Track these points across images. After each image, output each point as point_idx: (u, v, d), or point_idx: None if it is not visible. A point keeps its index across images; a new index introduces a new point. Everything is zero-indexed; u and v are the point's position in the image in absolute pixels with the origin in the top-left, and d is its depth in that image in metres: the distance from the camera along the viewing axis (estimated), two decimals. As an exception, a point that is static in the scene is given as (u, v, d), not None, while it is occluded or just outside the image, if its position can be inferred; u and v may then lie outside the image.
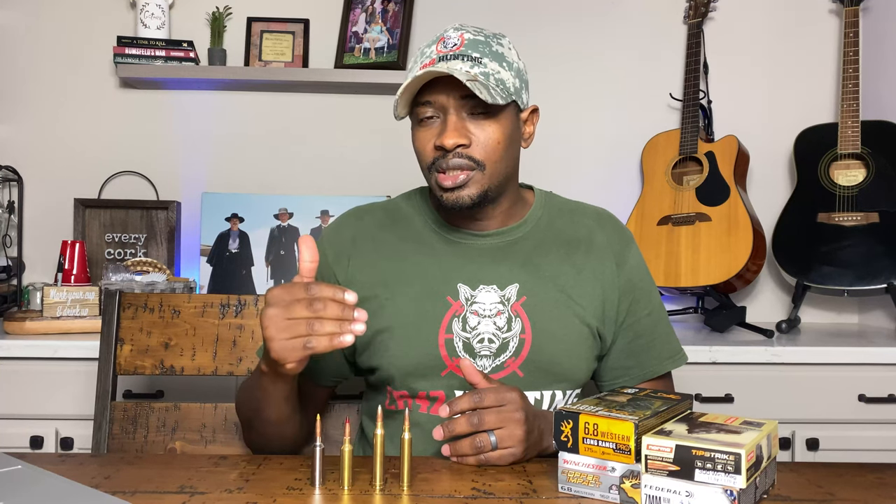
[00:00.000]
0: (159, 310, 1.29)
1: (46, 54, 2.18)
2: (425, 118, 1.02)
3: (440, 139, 1.00)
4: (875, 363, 1.66)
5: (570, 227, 1.14)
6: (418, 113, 1.03)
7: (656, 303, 1.17)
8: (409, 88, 0.99)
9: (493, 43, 1.02)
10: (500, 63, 1.01)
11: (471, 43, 1.01)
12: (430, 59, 1.01)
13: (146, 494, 0.80)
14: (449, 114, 1.01)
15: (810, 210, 1.98)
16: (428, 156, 1.03)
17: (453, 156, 1.00)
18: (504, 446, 0.91)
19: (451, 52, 1.00)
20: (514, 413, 0.91)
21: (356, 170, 2.21)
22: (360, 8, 2.17)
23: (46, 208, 2.15)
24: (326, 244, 1.14)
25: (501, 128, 1.02)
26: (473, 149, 1.01)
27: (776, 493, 0.82)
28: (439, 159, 1.01)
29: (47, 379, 1.62)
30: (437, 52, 1.01)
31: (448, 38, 1.02)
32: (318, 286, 0.84)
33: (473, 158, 1.01)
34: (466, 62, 0.99)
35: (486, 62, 1.00)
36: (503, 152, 1.03)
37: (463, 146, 1.00)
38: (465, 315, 1.06)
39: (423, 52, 1.04)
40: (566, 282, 1.09)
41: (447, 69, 0.97)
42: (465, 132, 1.00)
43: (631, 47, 2.24)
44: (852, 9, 2.02)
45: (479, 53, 1.00)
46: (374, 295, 1.09)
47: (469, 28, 1.03)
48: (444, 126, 1.01)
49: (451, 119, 1.00)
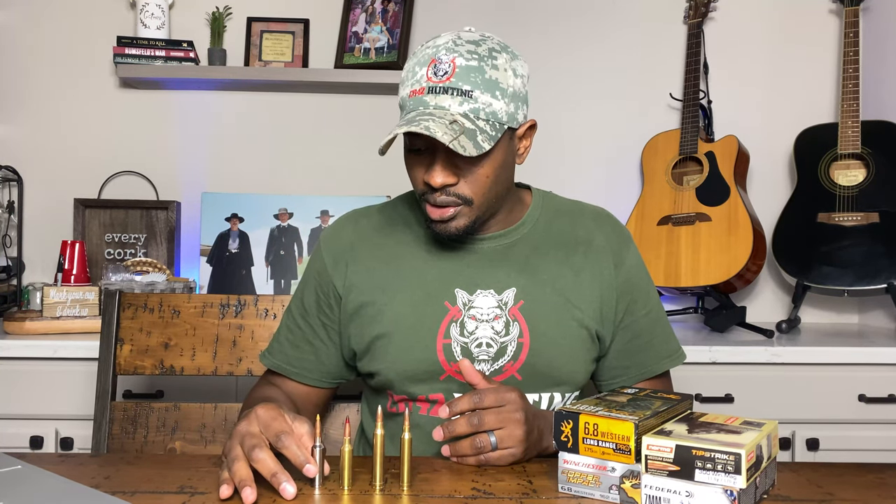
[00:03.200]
0: (159, 310, 1.29)
1: (46, 54, 2.18)
2: (415, 149, 1.01)
3: (428, 176, 0.99)
4: (875, 363, 1.66)
5: (568, 229, 1.13)
6: (408, 142, 1.02)
7: (654, 302, 1.16)
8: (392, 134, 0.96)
9: (486, 68, 0.97)
10: (493, 92, 0.97)
11: (462, 71, 0.96)
12: (419, 86, 0.98)
13: (146, 494, 0.80)
14: (438, 151, 0.99)
15: (810, 210, 1.98)
16: (418, 186, 1.03)
17: (441, 193, 1.00)
18: (504, 446, 0.91)
19: (440, 82, 0.96)
20: (513, 413, 0.91)
21: (356, 170, 2.21)
22: (360, 8, 2.17)
23: (46, 208, 2.15)
24: (325, 251, 1.14)
25: (492, 162, 1.00)
26: (461, 186, 1.00)
27: (776, 493, 0.82)
28: (427, 193, 1.01)
29: (47, 379, 1.62)
30: (426, 79, 0.98)
31: (440, 63, 0.97)
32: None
33: (461, 196, 1.00)
34: (456, 97, 0.96)
35: (476, 95, 0.96)
36: (492, 185, 1.02)
37: (450, 185, 0.99)
38: (462, 320, 1.06)
39: (413, 72, 1.00)
40: (564, 284, 1.09)
41: (434, 107, 0.96)
42: (453, 171, 0.99)
43: (631, 47, 2.24)
44: (852, 9, 2.02)
45: (470, 85, 0.96)
46: (372, 300, 1.09)
47: (462, 49, 0.97)
48: (433, 163, 0.99)
49: (439, 158, 0.99)
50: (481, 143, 0.95)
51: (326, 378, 1.15)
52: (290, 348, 1.15)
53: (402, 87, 1.02)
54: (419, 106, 0.98)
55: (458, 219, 1.02)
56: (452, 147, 0.92)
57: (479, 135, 0.95)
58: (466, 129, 0.95)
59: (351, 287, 1.10)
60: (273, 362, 1.15)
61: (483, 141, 0.95)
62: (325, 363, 1.14)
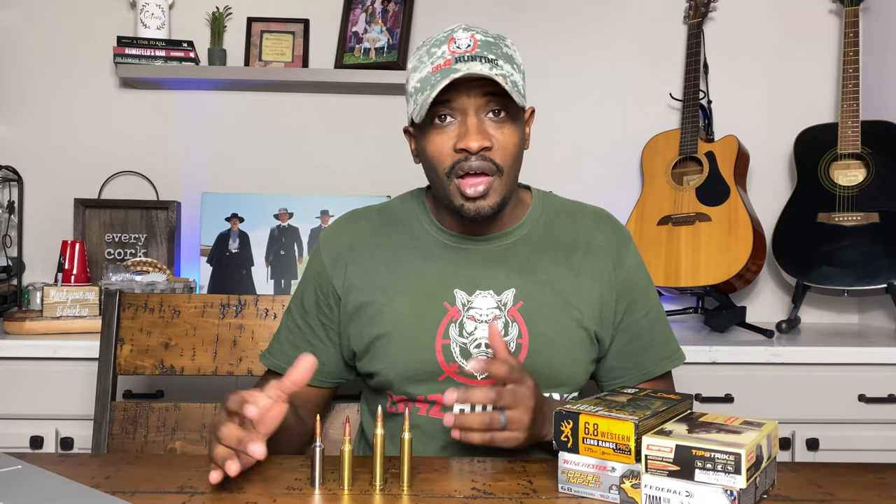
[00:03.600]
0: (159, 310, 1.29)
1: (46, 54, 2.18)
2: (441, 121, 1.00)
3: (464, 141, 0.98)
4: (875, 363, 1.66)
5: (567, 229, 1.13)
6: (434, 114, 1.00)
7: (654, 303, 1.16)
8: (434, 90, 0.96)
9: (501, 45, 1.02)
10: (512, 65, 1.01)
11: (483, 44, 1.00)
12: (444, 59, 0.99)
13: (146, 494, 0.80)
14: (469, 116, 0.99)
15: (810, 210, 1.98)
16: (446, 160, 1.00)
17: (477, 158, 0.98)
18: (511, 429, 0.90)
19: (466, 52, 0.98)
20: (526, 400, 0.91)
21: (356, 170, 2.21)
22: (360, 8, 2.17)
23: (46, 208, 2.15)
24: (324, 251, 1.14)
25: (517, 131, 1.02)
26: (495, 152, 0.99)
27: (776, 493, 0.82)
28: (461, 162, 0.99)
29: (47, 379, 1.62)
30: (450, 52, 0.99)
31: (459, 39, 1.00)
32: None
33: (495, 162, 0.99)
34: (485, 64, 0.97)
35: (501, 64, 0.99)
36: (517, 156, 1.03)
37: (486, 149, 0.99)
38: (461, 320, 1.06)
39: (430, 53, 1.01)
40: (564, 285, 1.08)
41: (468, 70, 0.96)
42: (487, 135, 0.99)
43: (631, 47, 2.24)
44: (852, 9, 2.02)
45: (493, 55, 0.99)
46: (371, 300, 1.09)
47: (476, 29, 1.02)
48: (465, 128, 0.98)
49: (472, 121, 0.98)
50: (520, 98, 0.98)
51: (326, 378, 1.15)
52: (289, 348, 1.15)
53: (417, 71, 1.01)
54: (449, 74, 0.97)
55: (491, 195, 1.01)
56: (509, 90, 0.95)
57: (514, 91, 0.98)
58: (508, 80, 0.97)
59: (350, 287, 1.10)
60: (273, 362, 1.16)
61: (519, 97, 0.98)
62: (324, 363, 1.14)
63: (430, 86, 0.98)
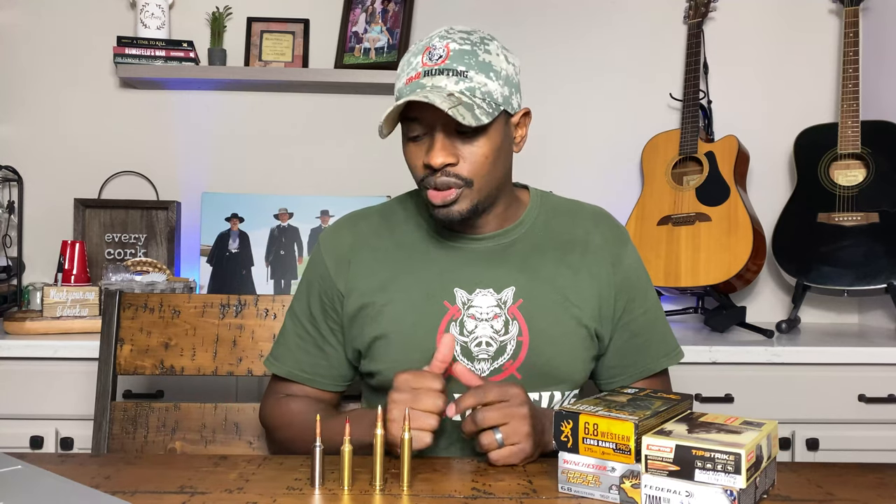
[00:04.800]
0: (159, 310, 1.29)
1: (46, 54, 2.18)
2: (414, 136, 1.02)
3: (427, 158, 0.99)
4: (875, 363, 1.66)
5: (566, 228, 1.13)
6: (407, 129, 1.02)
7: (653, 301, 1.16)
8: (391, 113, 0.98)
9: (479, 51, 0.99)
10: (487, 74, 0.99)
11: (456, 55, 0.98)
12: (415, 72, 0.99)
13: (146, 494, 0.80)
14: (436, 132, 0.99)
15: (810, 210, 1.98)
16: (418, 172, 1.03)
17: (441, 174, 1.00)
18: (510, 442, 0.90)
19: (436, 65, 0.98)
20: (517, 408, 0.91)
21: (356, 170, 2.21)
22: (360, 8, 2.17)
23: (46, 208, 2.15)
24: (325, 254, 1.14)
25: (490, 142, 1.01)
26: (461, 167, 1.00)
27: (776, 493, 0.82)
28: (428, 177, 1.01)
29: (47, 379, 1.62)
30: (422, 64, 0.99)
31: (433, 49, 0.99)
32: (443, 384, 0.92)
33: (461, 176, 1.00)
34: (451, 77, 0.97)
35: (471, 75, 0.98)
36: (491, 166, 1.02)
37: (450, 165, 0.99)
38: (462, 319, 1.06)
39: (409, 62, 1.01)
40: (563, 283, 1.09)
41: (430, 88, 0.96)
42: (452, 151, 0.99)
43: (631, 47, 2.24)
44: (852, 9, 2.02)
45: (464, 66, 0.98)
46: (372, 301, 1.09)
47: (455, 36, 1.00)
48: (432, 145, 0.99)
49: (437, 138, 0.99)
50: (479, 115, 0.96)
51: (339, 382, 1.15)
52: (301, 354, 1.14)
53: (398, 79, 1.03)
54: (416, 89, 0.98)
55: (460, 202, 1.01)
56: (452, 114, 0.93)
57: (476, 108, 0.96)
58: (464, 101, 0.96)
59: (352, 289, 1.10)
60: (285, 370, 1.14)
61: (481, 114, 0.96)
62: (336, 367, 1.14)
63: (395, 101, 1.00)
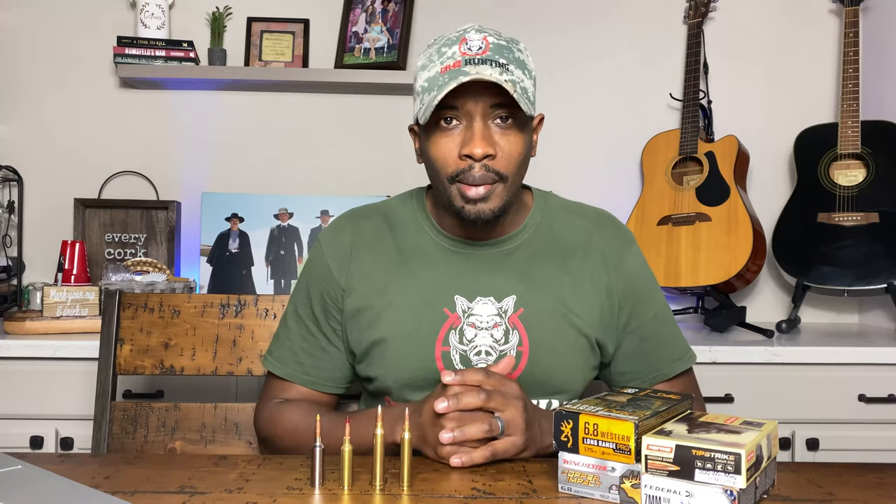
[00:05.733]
0: (159, 310, 1.29)
1: (46, 54, 2.18)
2: (446, 123, 0.98)
3: (468, 148, 0.96)
4: (875, 363, 1.66)
5: (568, 232, 1.12)
6: (440, 117, 0.98)
7: (660, 304, 1.14)
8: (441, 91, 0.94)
9: (514, 49, 0.99)
10: (524, 70, 0.99)
11: (495, 48, 0.97)
12: (453, 60, 0.97)
13: (146, 494, 0.80)
14: (475, 121, 0.97)
15: (810, 210, 1.98)
16: (450, 164, 0.99)
17: (479, 168, 0.97)
18: (508, 433, 0.90)
19: (476, 55, 0.96)
20: (514, 400, 0.92)
21: (356, 170, 2.21)
22: (360, 8, 2.17)
23: (46, 208, 2.15)
24: (327, 253, 1.12)
25: (523, 140, 1.00)
26: (498, 161, 0.98)
27: (776, 493, 0.82)
28: (464, 171, 0.97)
29: (47, 379, 1.62)
30: (461, 53, 0.97)
31: (471, 40, 0.98)
32: None
33: (497, 171, 0.98)
34: (495, 68, 0.95)
35: (512, 69, 0.97)
36: (521, 165, 1.01)
37: (489, 157, 0.97)
38: (462, 327, 1.04)
39: (440, 52, 0.99)
40: (564, 292, 1.07)
41: (477, 74, 0.94)
42: (492, 142, 0.97)
43: (631, 47, 2.24)
44: (852, 9, 2.02)
45: (505, 59, 0.97)
46: (370, 305, 1.07)
47: (489, 31, 1.00)
48: (471, 133, 0.96)
49: (477, 127, 0.96)
50: (529, 107, 0.96)
51: (341, 384, 1.14)
52: (305, 357, 1.12)
53: (426, 70, 1.00)
54: (458, 76, 0.95)
55: (493, 199, 0.99)
56: (517, 98, 0.93)
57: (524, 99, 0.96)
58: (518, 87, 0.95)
59: (351, 289, 1.09)
60: (288, 372, 1.12)
61: (528, 105, 0.96)
62: (339, 368, 1.12)
63: (438, 87, 0.96)
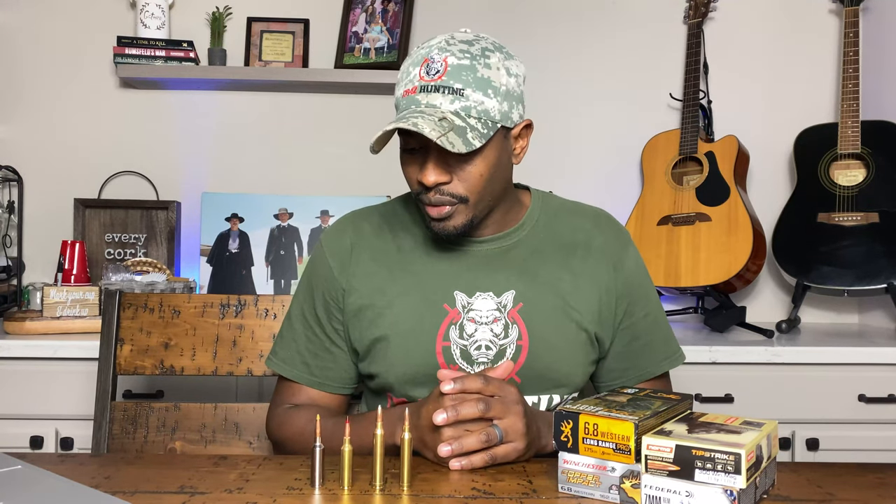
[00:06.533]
0: (159, 310, 1.29)
1: (46, 54, 2.18)
2: (409, 148, 1.01)
3: (421, 175, 0.99)
4: (875, 363, 1.66)
5: (567, 230, 1.13)
6: (403, 142, 1.02)
7: (654, 304, 1.16)
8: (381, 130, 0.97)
9: (478, 66, 0.97)
10: (485, 91, 0.97)
11: (454, 70, 0.97)
12: (412, 85, 0.99)
13: (146, 494, 0.80)
14: (430, 150, 0.99)
15: (810, 210, 1.98)
16: (413, 185, 1.03)
17: (435, 192, 0.99)
18: (507, 440, 0.91)
19: (433, 80, 0.97)
20: (514, 405, 0.92)
21: (356, 170, 2.21)
22: (360, 8, 2.17)
23: (46, 208, 2.15)
24: (329, 254, 1.13)
25: (485, 160, 1.00)
26: (455, 185, 1.00)
27: (776, 493, 0.82)
28: (422, 193, 1.01)
29: (47, 379, 1.62)
30: (419, 78, 0.98)
31: (432, 62, 0.98)
32: None
33: (455, 194, 1.00)
34: (447, 95, 0.96)
35: (468, 94, 0.96)
36: (486, 183, 1.01)
37: (444, 183, 0.99)
38: (462, 322, 1.06)
39: (407, 72, 1.01)
40: (563, 287, 1.08)
41: (425, 105, 0.96)
42: (445, 169, 0.99)
43: (631, 47, 2.24)
44: (852, 9, 2.02)
45: (461, 84, 0.96)
46: (371, 303, 1.08)
47: (455, 48, 0.98)
48: (426, 162, 0.99)
49: (431, 156, 0.99)
50: (472, 140, 0.95)
51: (347, 384, 1.14)
52: (310, 357, 1.13)
53: (397, 87, 1.03)
54: (411, 105, 0.98)
55: (455, 217, 1.02)
56: (440, 143, 0.92)
57: (469, 132, 0.95)
58: (456, 126, 0.95)
59: (352, 289, 1.10)
60: (293, 373, 1.13)
61: (473, 138, 0.95)
62: (344, 368, 1.13)
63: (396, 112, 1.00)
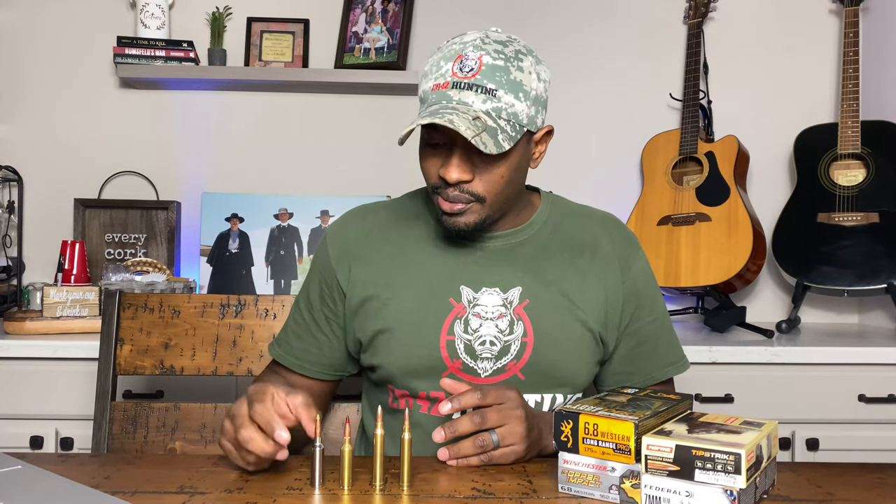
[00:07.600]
0: (159, 310, 1.29)
1: (46, 54, 2.18)
2: (433, 143, 1.01)
3: (444, 171, 0.98)
4: (875, 363, 1.66)
5: (575, 231, 1.13)
6: (426, 135, 1.01)
7: (661, 309, 1.16)
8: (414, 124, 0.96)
9: (512, 68, 0.97)
10: (517, 94, 0.97)
11: (488, 70, 0.97)
12: (444, 80, 0.98)
13: (146, 494, 0.80)
14: (456, 147, 0.98)
15: (810, 210, 1.98)
16: (432, 178, 1.02)
17: (455, 189, 0.99)
18: (506, 444, 0.91)
19: (466, 78, 0.96)
20: (514, 410, 0.92)
21: (356, 170, 2.21)
22: (360, 8, 2.17)
23: (46, 208, 2.15)
24: (330, 245, 1.14)
25: (508, 163, 1.00)
26: (475, 184, 1.00)
27: (776, 493, 0.82)
28: (441, 188, 1.01)
29: (47, 379, 1.62)
30: (451, 73, 0.98)
31: (466, 59, 0.97)
32: None
33: (474, 193, 1.00)
34: (480, 94, 0.96)
35: (500, 95, 0.96)
36: (506, 185, 1.02)
37: (465, 182, 0.99)
38: (467, 317, 1.06)
39: (438, 65, 1.00)
40: (569, 286, 1.08)
41: (457, 102, 0.96)
42: (468, 168, 0.99)
43: (631, 47, 2.24)
44: (852, 9, 2.02)
45: (494, 84, 0.96)
46: (376, 294, 1.09)
47: (490, 48, 0.98)
48: (450, 158, 0.99)
49: (456, 153, 0.98)
50: (502, 142, 0.95)
51: (328, 371, 1.16)
52: (294, 339, 1.16)
53: (425, 80, 1.02)
54: (442, 100, 0.98)
55: (469, 215, 1.02)
56: (475, 143, 0.92)
57: (499, 134, 0.96)
58: (489, 126, 0.95)
59: (355, 282, 1.10)
60: (277, 353, 1.17)
61: (503, 140, 0.96)
62: (326, 356, 1.14)
63: (425, 106, 0.99)
